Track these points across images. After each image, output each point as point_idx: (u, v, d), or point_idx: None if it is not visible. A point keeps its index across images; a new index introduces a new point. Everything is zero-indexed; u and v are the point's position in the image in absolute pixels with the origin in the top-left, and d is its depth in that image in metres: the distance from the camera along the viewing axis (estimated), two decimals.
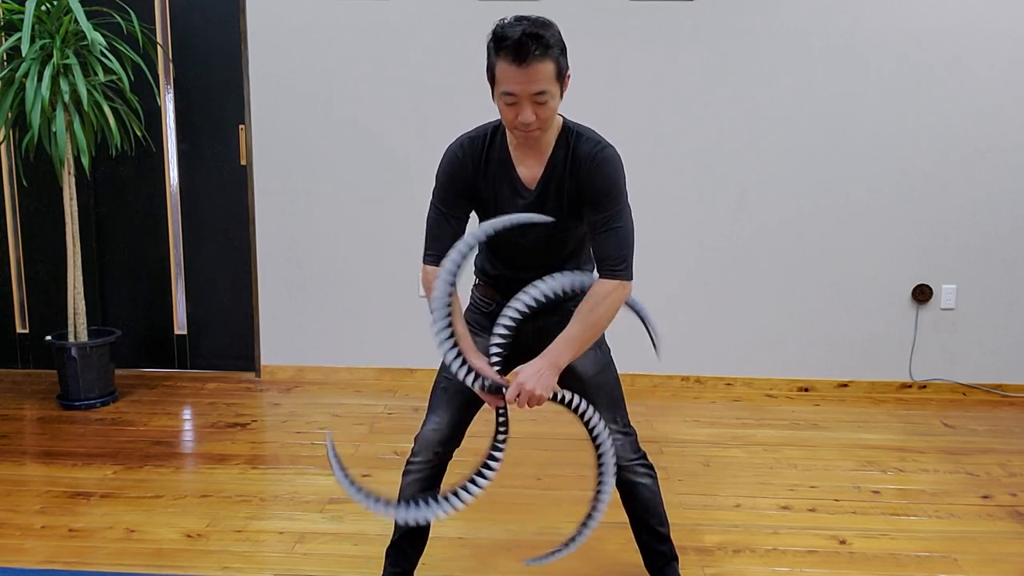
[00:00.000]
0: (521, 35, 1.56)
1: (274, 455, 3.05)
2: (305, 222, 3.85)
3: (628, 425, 1.94)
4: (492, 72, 1.65)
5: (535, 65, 1.58)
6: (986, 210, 3.70)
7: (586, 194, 1.73)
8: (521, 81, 1.59)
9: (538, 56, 1.58)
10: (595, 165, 1.72)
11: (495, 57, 1.62)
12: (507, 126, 1.70)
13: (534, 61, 1.58)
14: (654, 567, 2.04)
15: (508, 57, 1.58)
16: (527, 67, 1.58)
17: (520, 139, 1.71)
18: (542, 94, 1.61)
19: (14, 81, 3.26)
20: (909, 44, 3.60)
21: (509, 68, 1.59)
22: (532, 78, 1.59)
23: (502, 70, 1.61)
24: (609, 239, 1.72)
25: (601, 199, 1.72)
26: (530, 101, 1.61)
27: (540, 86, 1.60)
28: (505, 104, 1.64)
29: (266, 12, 3.71)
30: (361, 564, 2.26)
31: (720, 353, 3.86)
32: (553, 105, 1.65)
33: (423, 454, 1.89)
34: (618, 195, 1.73)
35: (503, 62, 1.60)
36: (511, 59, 1.58)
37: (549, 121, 1.67)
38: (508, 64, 1.59)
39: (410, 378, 3.89)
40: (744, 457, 3.05)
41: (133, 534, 2.42)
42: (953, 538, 2.45)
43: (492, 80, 1.66)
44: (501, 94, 1.63)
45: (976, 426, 3.42)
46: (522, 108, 1.62)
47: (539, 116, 1.63)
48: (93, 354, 3.49)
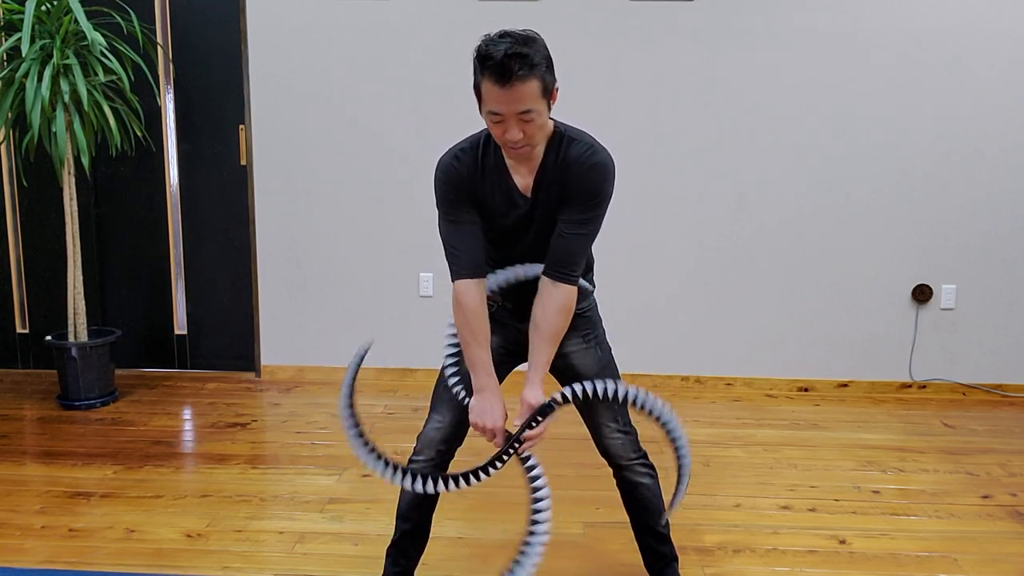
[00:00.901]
0: (503, 56, 1.54)
1: (274, 455, 3.05)
2: (305, 222, 3.85)
3: (629, 424, 1.94)
4: (478, 90, 1.64)
5: (519, 85, 1.57)
6: (986, 210, 3.70)
7: (570, 193, 1.72)
8: (505, 101, 1.58)
9: (522, 76, 1.56)
10: (585, 169, 1.70)
11: (480, 76, 1.61)
12: (497, 142, 1.70)
13: (517, 82, 1.56)
14: (654, 567, 2.04)
15: (492, 77, 1.57)
16: (511, 88, 1.56)
17: (512, 156, 1.71)
18: (527, 112, 1.60)
19: (14, 81, 3.26)
20: (909, 44, 3.60)
21: (493, 88, 1.58)
22: (516, 98, 1.58)
23: (487, 89, 1.60)
24: (575, 242, 1.72)
25: (582, 201, 1.71)
26: (516, 119, 1.61)
27: (525, 105, 1.59)
28: (492, 121, 1.64)
29: (266, 12, 3.71)
30: (361, 564, 2.26)
31: (720, 353, 3.86)
32: (540, 122, 1.64)
33: (425, 452, 1.89)
34: (600, 201, 1.72)
35: (487, 82, 1.59)
36: (494, 80, 1.57)
37: (537, 137, 1.67)
38: (492, 84, 1.58)
39: (410, 378, 3.89)
40: (744, 457, 3.05)
41: (133, 534, 2.42)
42: (953, 538, 2.45)
43: (479, 97, 1.66)
44: (487, 112, 1.63)
45: (976, 426, 3.42)
46: (508, 126, 1.62)
47: (526, 133, 1.63)
48: (93, 354, 3.49)
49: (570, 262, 1.72)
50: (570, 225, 1.71)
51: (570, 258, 1.72)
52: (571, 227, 1.71)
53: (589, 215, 1.71)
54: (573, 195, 1.71)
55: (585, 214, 1.71)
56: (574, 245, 1.72)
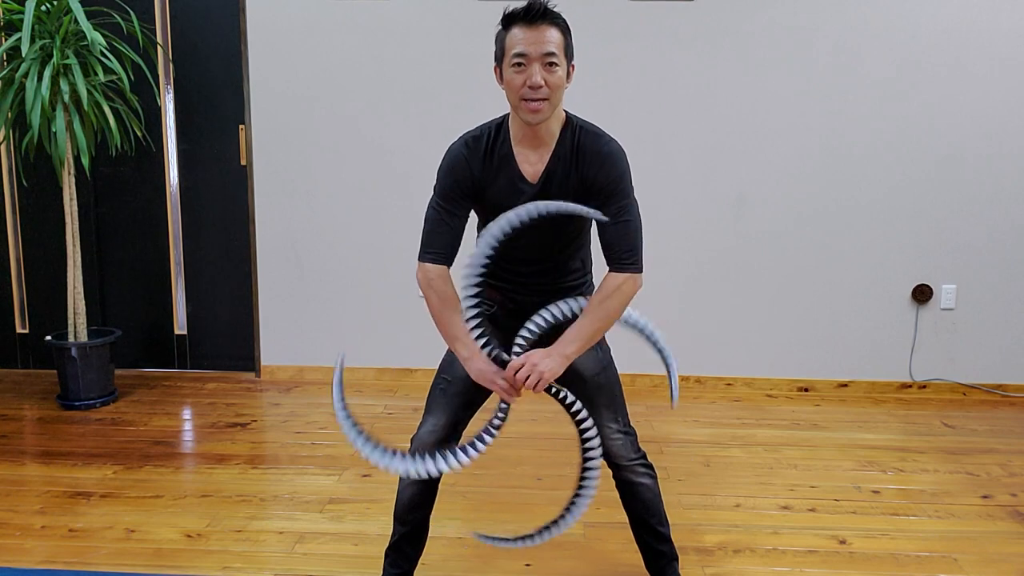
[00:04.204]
0: (532, 1, 1.64)
1: (274, 455, 3.05)
2: (305, 222, 3.85)
3: (628, 425, 1.94)
4: (501, 46, 1.68)
5: (545, 27, 1.64)
6: (986, 210, 3.70)
7: (593, 189, 1.73)
8: (532, 41, 1.63)
9: (549, 20, 1.64)
10: (601, 159, 1.72)
11: (504, 32, 1.67)
12: (514, 103, 1.69)
13: (544, 23, 1.64)
14: (654, 567, 2.04)
15: (519, 21, 1.64)
16: (538, 28, 1.63)
17: (527, 115, 1.68)
18: (551, 55, 1.64)
19: (14, 81, 3.26)
20: (909, 44, 3.60)
21: (520, 31, 1.64)
22: (543, 39, 1.63)
23: (512, 36, 1.65)
24: (619, 231, 1.73)
25: (609, 193, 1.72)
26: (540, 63, 1.64)
27: (550, 47, 1.64)
28: (515, 71, 1.66)
29: (266, 12, 3.71)
30: (361, 564, 2.26)
31: (720, 353, 3.86)
32: (561, 75, 1.67)
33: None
34: (626, 188, 1.74)
35: (514, 27, 1.65)
36: (522, 21, 1.64)
37: (557, 94, 1.67)
38: (519, 27, 1.64)
39: (410, 378, 3.89)
40: (744, 457, 3.05)
41: (133, 534, 2.42)
42: (953, 538, 2.45)
43: (501, 56, 1.69)
44: (512, 60, 1.65)
45: (976, 426, 3.42)
46: (532, 72, 1.64)
47: (548, 83, 1.65)
48: (93, 354, 3.49)
49: (628, 248, 1.73)
50: (612, 217, 1.72)
51: (627, 244, 1.73)
52: (614, 218, 1.72)
53: (624, 202, 1.73)
54: (596, 190, 1.72)
55: (620, 201, 1.73)
56: (626, 232, 1.73)
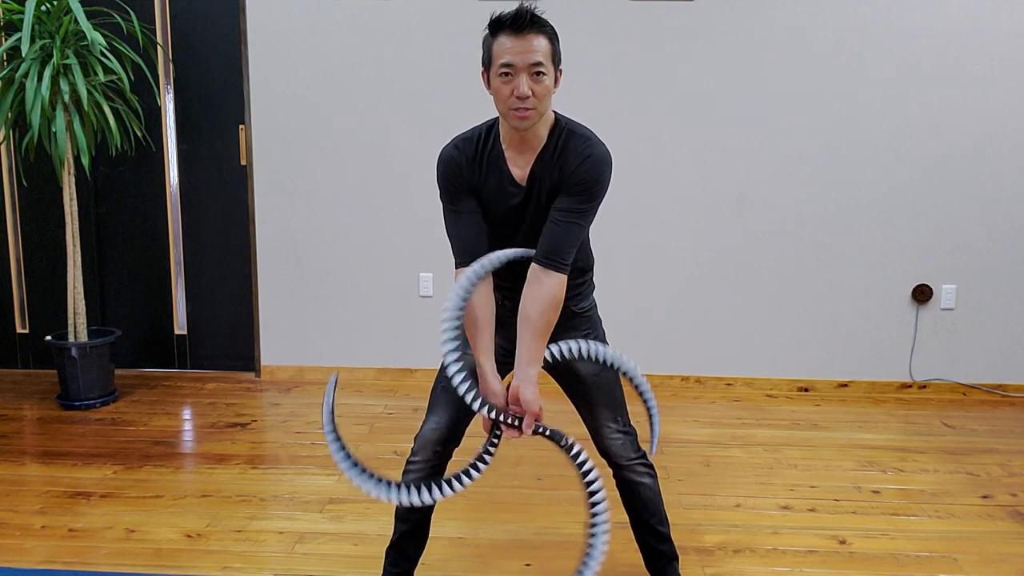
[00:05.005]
0: (519, 9, 1.62)
1: (274, 455, 3.05)
2: (305, 222, 3.85)
3: (628, 425, 1.94)
4: (489, 53, 1.67)
5: (532, 36, 1.63)
6: (986, 210, 3.70)
7: (565, 184, 1.71)
8: (519, 51, 1.62)
9: (536, 28, 1.63)
10: (581, 160, 1.70)
11: (492, 38, 1.66)
12: (503, 110, 1.69)
13: (531, 32, 1.62)
14: (654, 567, 2.04)
15: (506, 30, 1.63)
16: (524, 37, 1.62)
17: (515, 122, 1.68)
18: (538, 65, 1.63)
19: (14, 81, 3.26)
20: (909, 44, 3.60)
21: (507, 40, 1.63)
22: (529, 48, 1.62)
23: (499, 44, 1.64)
24: (567, 230, 1.70)
25: (578, 192, 1.70)
26: (527, 73, 1.63)
27: (537, 57, 1.63)
28: (502, 81, 1.65)
29: (266, 12, 3.71)
30: (361, 564, 2.26)
31: (720, 353, 3.86)
32: (548, 84, 1.65)
33: (422, 453, 1.89)
34: (596, 192, 1.71)
35: (501, 36, 1.64)
36: (509, 31, 1.63)
37: (543, 103, 1.67)
38: (506, 36, 1.63)
39: (410, 378, 3.90)
40: (744, 457, 3.05)
41: (133, 534, 2.42)
42: (953, 538, 2.45)
43: (488, 63, 1.68)
44: (499, 70, 1.64)
45: (976, 426, 3.42)
46: (519, 81, 1.63)
47: (535, 92, 1.64)
48: (93, 354, 3.49)
49: (562, 250, 1.70)
50: (564, 213, 1.70)
51: (562, 246, 1.70)
52: (564, 215, 1.70)
53: (584, 206, 1.71)
54: (568, 185, 1.71)
55: (580, 204, 1.70)
56: (567, 233, 1.70)
